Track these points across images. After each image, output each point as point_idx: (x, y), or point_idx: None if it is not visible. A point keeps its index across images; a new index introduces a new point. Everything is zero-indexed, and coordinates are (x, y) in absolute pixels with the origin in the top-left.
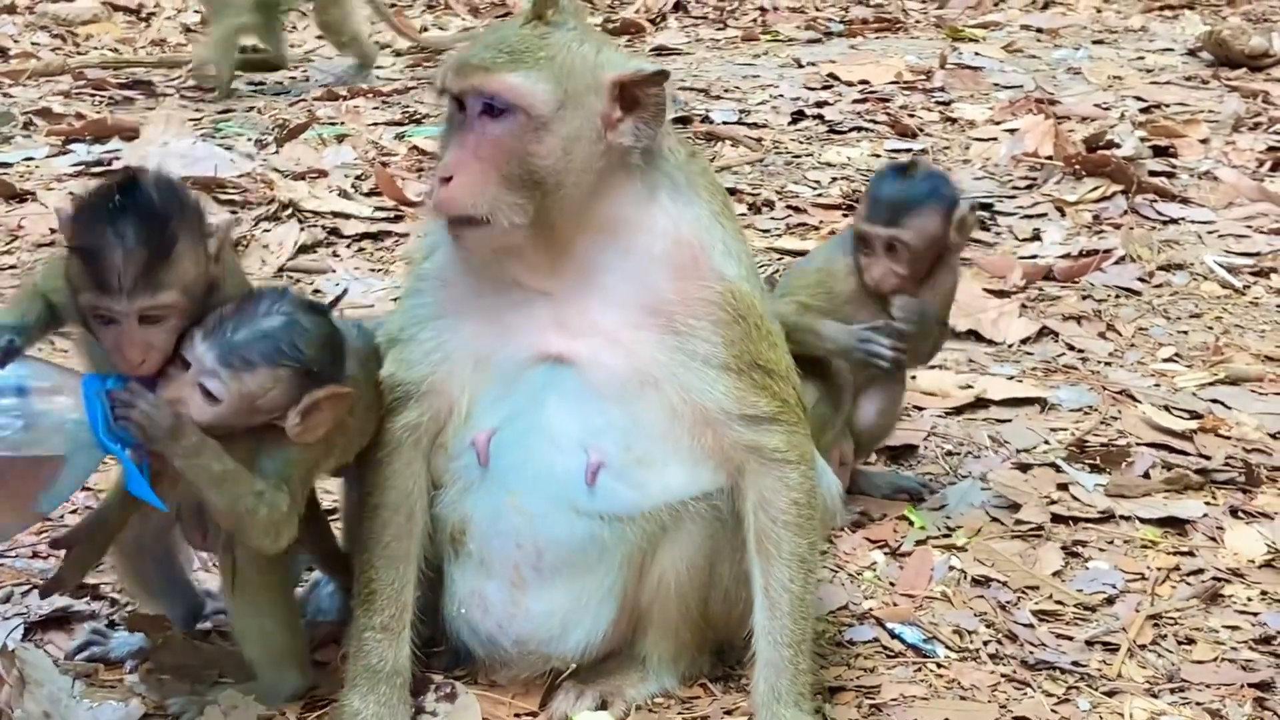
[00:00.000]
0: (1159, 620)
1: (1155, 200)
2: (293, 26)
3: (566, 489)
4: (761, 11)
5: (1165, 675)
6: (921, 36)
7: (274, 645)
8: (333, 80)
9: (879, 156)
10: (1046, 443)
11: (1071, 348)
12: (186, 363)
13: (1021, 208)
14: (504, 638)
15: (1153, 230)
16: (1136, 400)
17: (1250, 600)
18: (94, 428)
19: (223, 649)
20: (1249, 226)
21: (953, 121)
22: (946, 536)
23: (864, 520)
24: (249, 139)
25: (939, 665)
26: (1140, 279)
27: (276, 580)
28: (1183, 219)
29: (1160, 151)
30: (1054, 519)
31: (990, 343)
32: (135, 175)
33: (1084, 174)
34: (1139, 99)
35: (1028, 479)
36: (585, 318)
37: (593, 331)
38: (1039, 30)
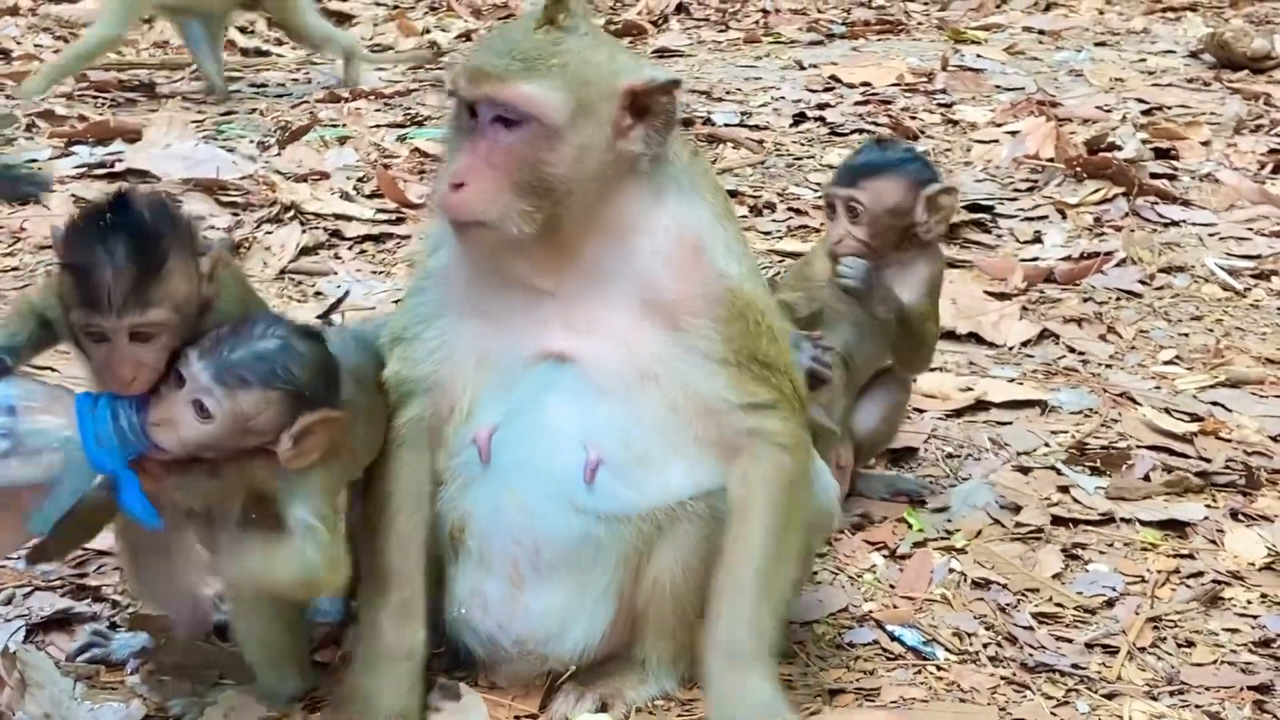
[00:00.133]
0: (1159, 623)
1: (1156, 202)
2: None
3: (565, 486)
4: (763, 13)
5: (1165, 678)
6: (923, 38)
7: (274, 648)
8: (335, 82)
9: None
10: (1047, 445)
11: (1072, 350)
12: (180, 381)
13: (1022, 210)
14: (503, 637)
15: (1154, 233)
16: (1137, 403)
17: (1250, 603)
18: (86, 446)
19: (224, 649)
20: (1250, 229)
21: (954, 123)
22: (946, 539)
23: (863, 523)
24: (251, 141)
25: (939, 667)
26: (1141, 281)
27: None
28: (1184, 221)
29: (1162, 154)
30: (1054, 521)
31: (991, 345)
32: (126, 193)
33: (1085, 176)
34: (1140, 101)
35: (1028, 481)
36: (588, 316)
37: (595, 330)
38: (1041, 32)
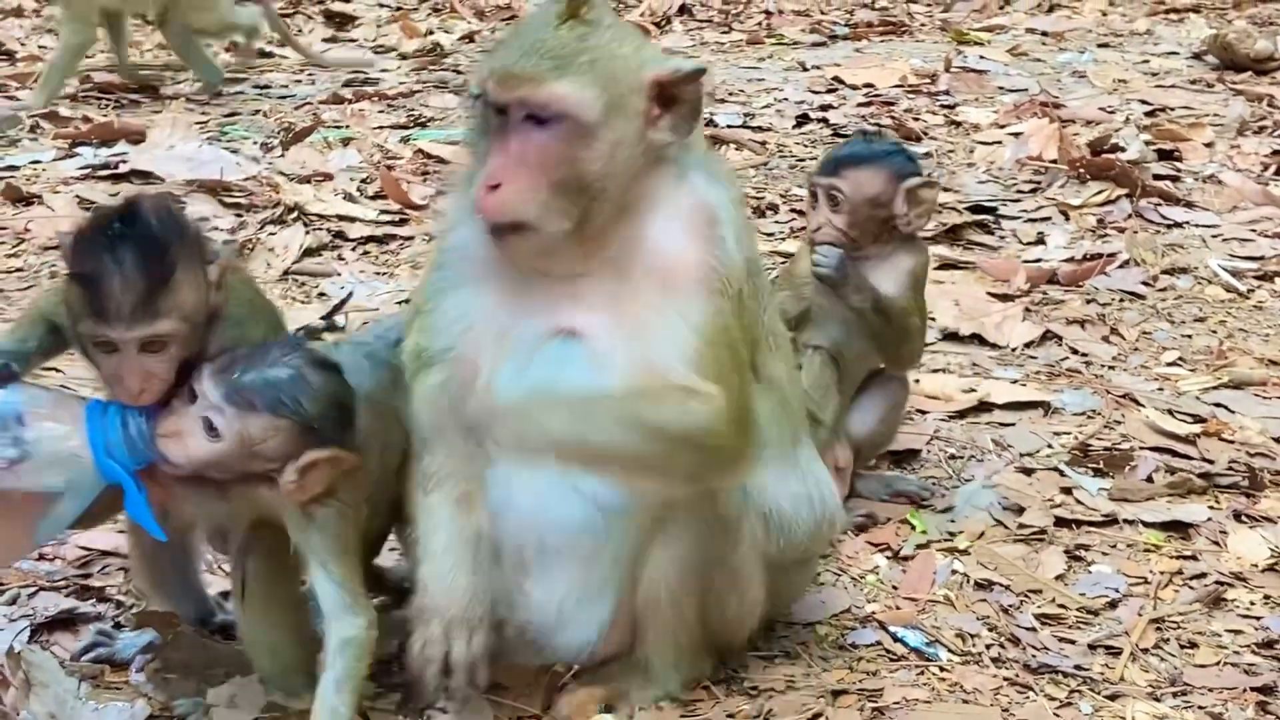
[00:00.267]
0: (1161, 624)
1: (1159, 204)
2: (298, 29)
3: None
4: (766, 15)
5: (1168, 679)
6: (926, 40)
7: (282, 657)
8: (329, 85)
9: None
10: (1050, 446)
11: (1075, 351)
12: (192, 396)
13: (1025, 211)
14: (507, 625)
15: (1157, 234)
16: (1140, 404)
17: (1253, 604)
18: (94, 454)
19: (231, 648)
20: (1253, 230)
21: (957, 125)
22: (949, 540)
23: (866, 524)
24: (255, 142)
25: (941, 669)
26: (1144, 283)
27: (287, 593)
28: (1187, 223)
29: (1165, 155)
30: (1057, 522)
31: (994, 346)
32: (134, 201)
33: (1088, 177)
34: (1144, 102)
35: (1031, 483)
36: (599, 290)
37: (605, 304)
38: (1044, 34)
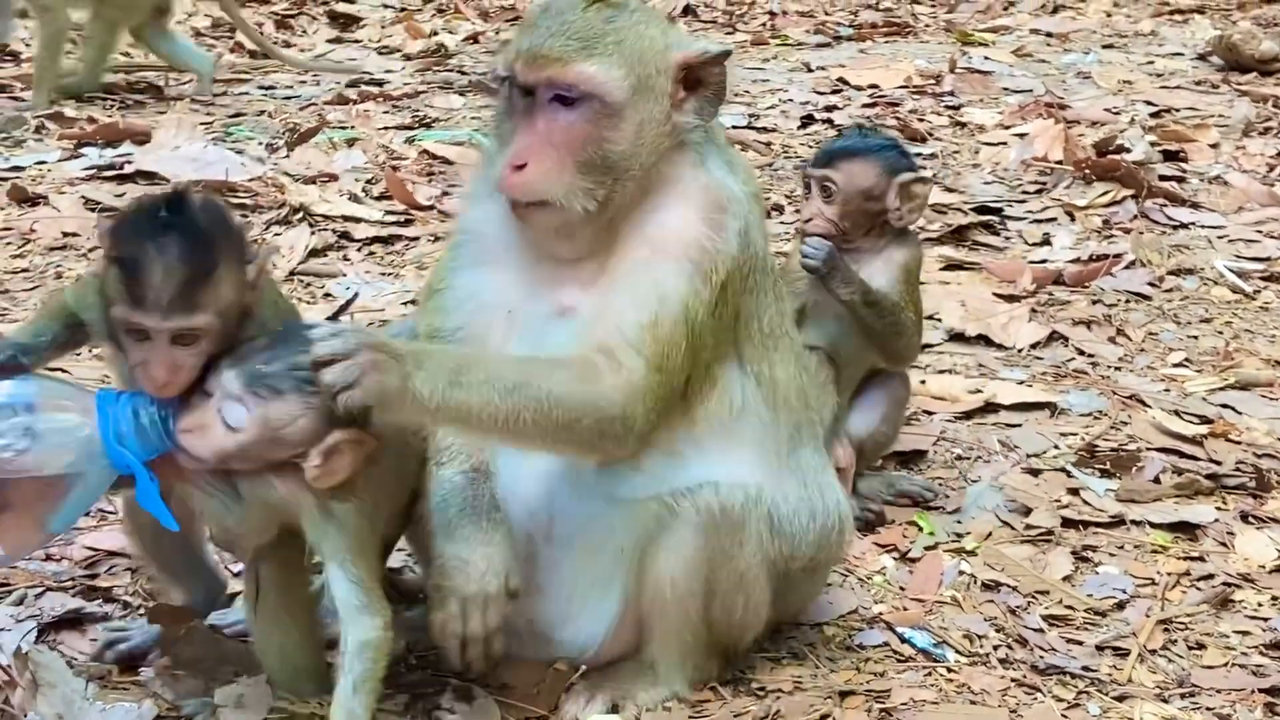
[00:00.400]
0: (1169, 625)
1: (1165, 205)
2: (301, 30)
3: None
4: (770, 16)
5: (1175, 680)
6: (931, 41)
7: (293, 660)
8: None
9: None
10: (1056, 447)
11: (1081, 352)
12: (209, 391)
13: (1031, 212)
14: (516, 617)
15: (1163, 235)
16: (1146, 405)
17: (1261, 605)
18: (106, 444)
19: (241, 647)
20: (1259, 231)
21: (962, 126)
22: (956, 541)
23: (874, 522)
24: (260, 143)
25: (949, 670)
26: (1150, 284)
27: (299, 598)
28: (1193, 224)
29: (1170, 156)
30: (1064, 524)
31: (1000, 347)
32: (182, 193)
33: (1094, 178)
34: (1149, 103)
35: (1038, 484)
36: (600, 270)
37: (600, 280)
38: (1048, 35)
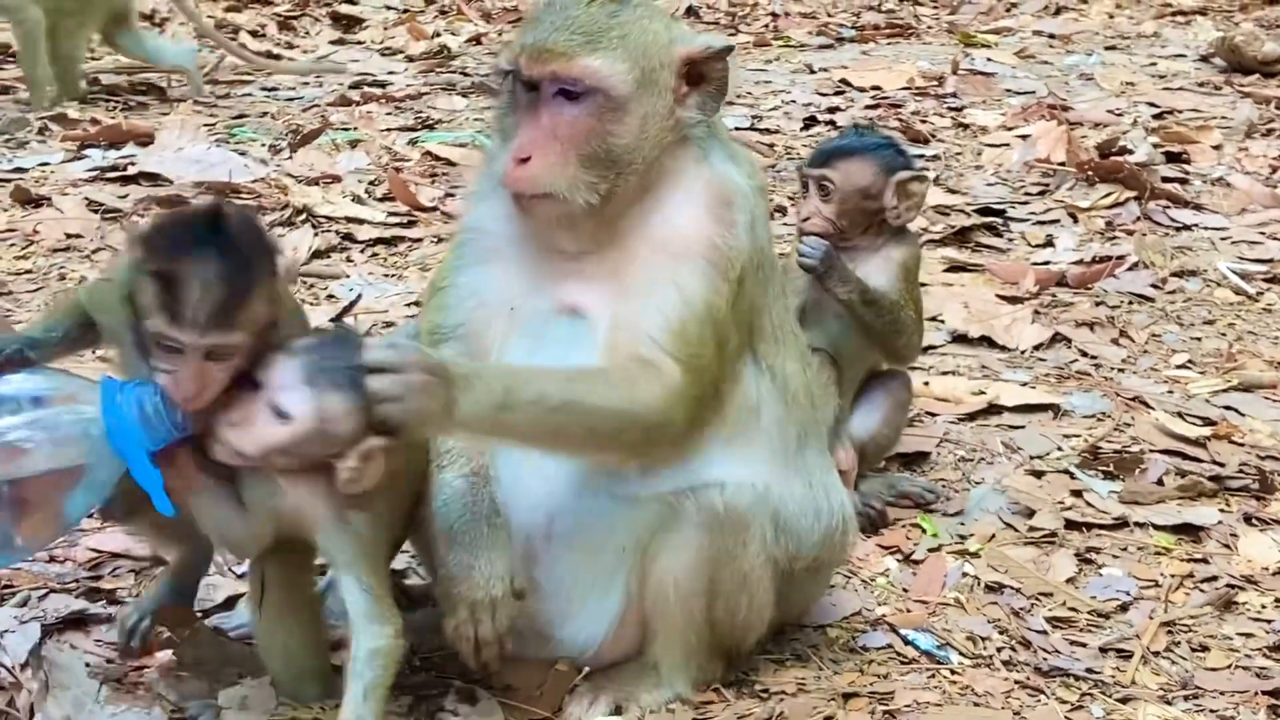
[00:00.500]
0: (1173, 627)
1: (1168, 206)
2: (305, 32)
3: None
4: (773, 17)
5: (1179, 682)
6: (934, 42)
7: (296, 662)
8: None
9: None
10: (1060, 449)
11: (1084, 354)
12: (255, 384)
13: (1034, 214)
14: (519, 615)
15: (1166, 236)
16: (1150, 407)
17: (1264, 607)
18: (110, 434)
19: (245, 649)
20: (1262, 233)
21: (965, 127)
22: (959, 543)
23: (877, 522)
24: (263, 144)
25: (952, 672)
26: (1153, 285)
27: (304, 600)
28: (1196, 225)
29: (1173, 158)
30: (1067, 525)
31: (1003, 349)
32: (221, 208)
33: (1097, 180)
34: (1152, 105)
35: (1041, 485)
36: (604, 267)
37: (607, 279)
38: (1051, 36)
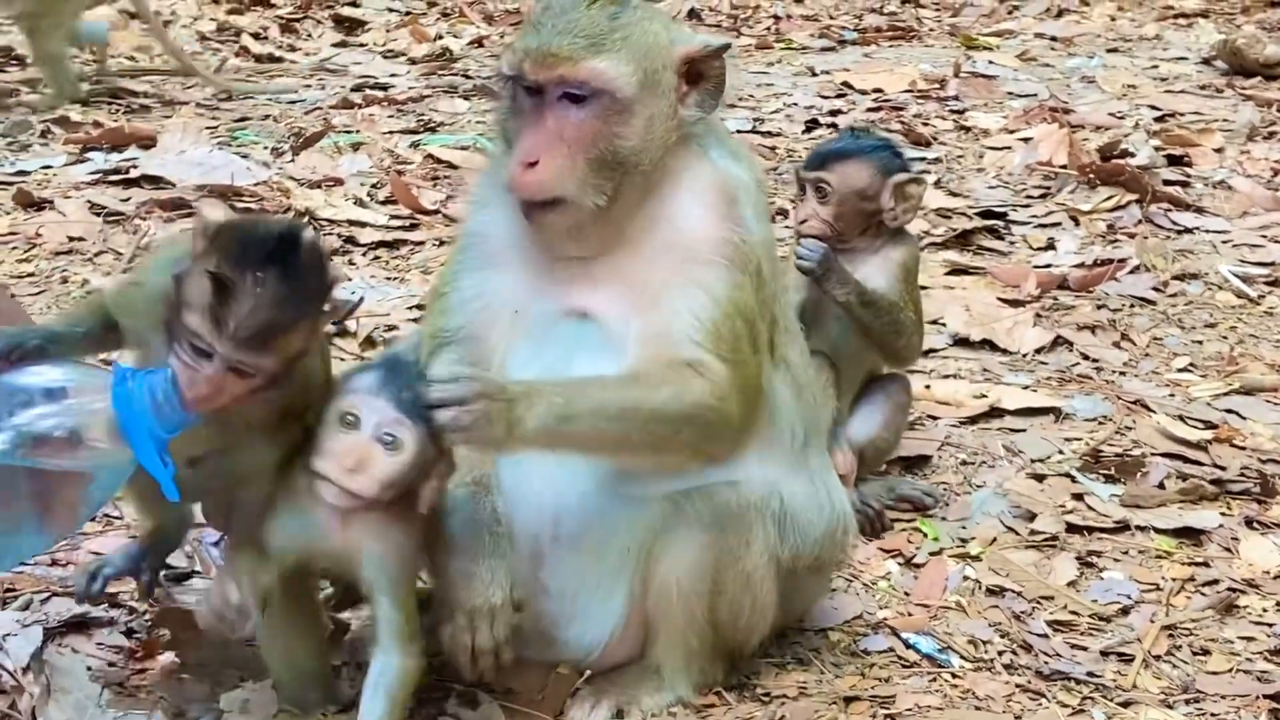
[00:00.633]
0: (1174, 631)
1: (1170, 210)
2: (306, 34)
3: None
4: (775, 20)
5: (1180, 686)
6: (935, 45)
7: (299, 667)
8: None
9: None
10: (1061, 452)
11: (1086, 357)
12: (352, 422)
13: (1035, 217)
14: (521, 618)
15: (1167, 240)
16: (1151, 410)
17: (1265, 611)
18: (122, 422)
19: (247, 652)
20: (1264, 236)
21: (967, 130)
22: (961, 546)
23: (876, 525)
24: (265, 147)
25: (954, 675)
26: (1155, 288)
27: (307, 604)
28: (1197, 228)
29: (1175, 161)
30: (1069, 529)
31: (1004, 352)
32: (296, 232)
33: (1098, 183)
34: (1153, 108)
35: (1042, 489)
36: (612, 270)
37: (618, 282)
38: (1053, 39)
